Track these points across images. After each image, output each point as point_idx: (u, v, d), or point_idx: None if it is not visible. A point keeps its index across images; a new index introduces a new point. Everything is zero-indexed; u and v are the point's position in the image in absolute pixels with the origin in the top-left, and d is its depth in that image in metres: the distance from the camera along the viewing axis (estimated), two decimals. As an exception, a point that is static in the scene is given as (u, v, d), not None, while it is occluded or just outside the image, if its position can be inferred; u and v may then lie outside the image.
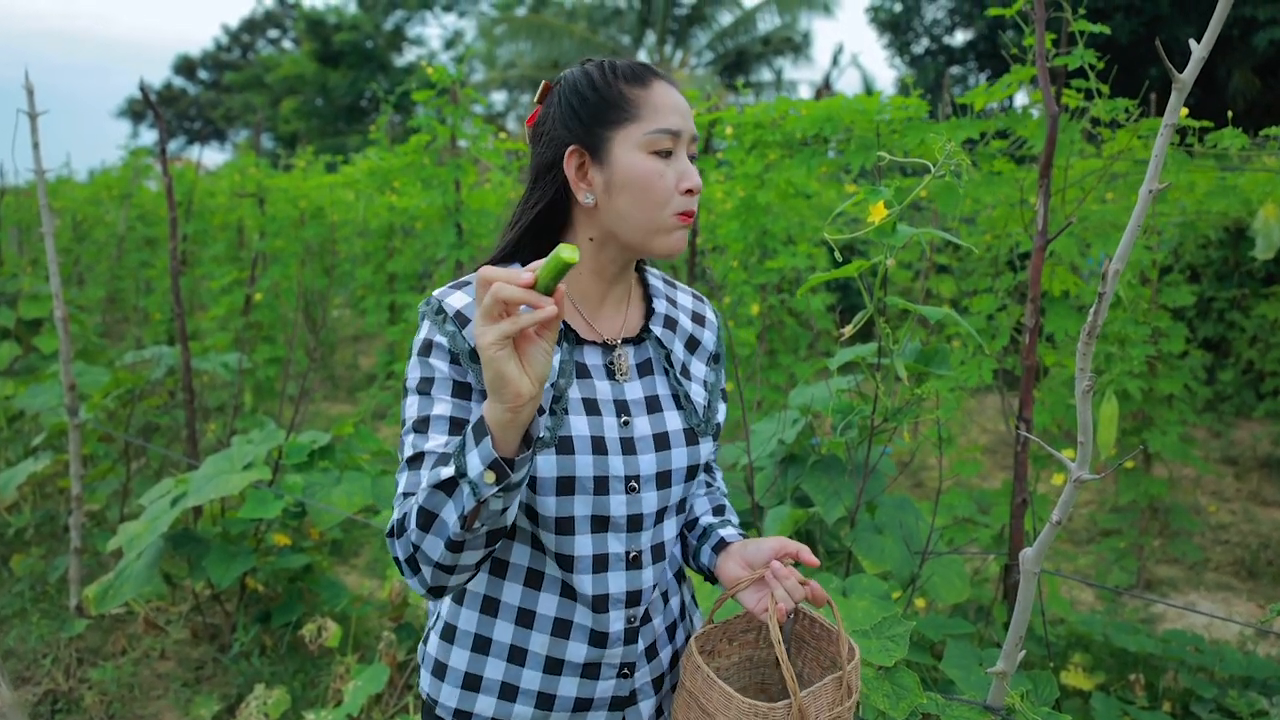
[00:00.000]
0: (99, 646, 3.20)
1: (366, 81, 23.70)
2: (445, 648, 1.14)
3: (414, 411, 1.04)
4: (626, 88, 1.08)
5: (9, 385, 4.43)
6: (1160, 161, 0.95)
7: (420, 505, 0.94)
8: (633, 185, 1.06)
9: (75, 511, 3.37)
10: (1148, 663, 2.63)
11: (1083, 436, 1.05)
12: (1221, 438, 6.14)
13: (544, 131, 1.11)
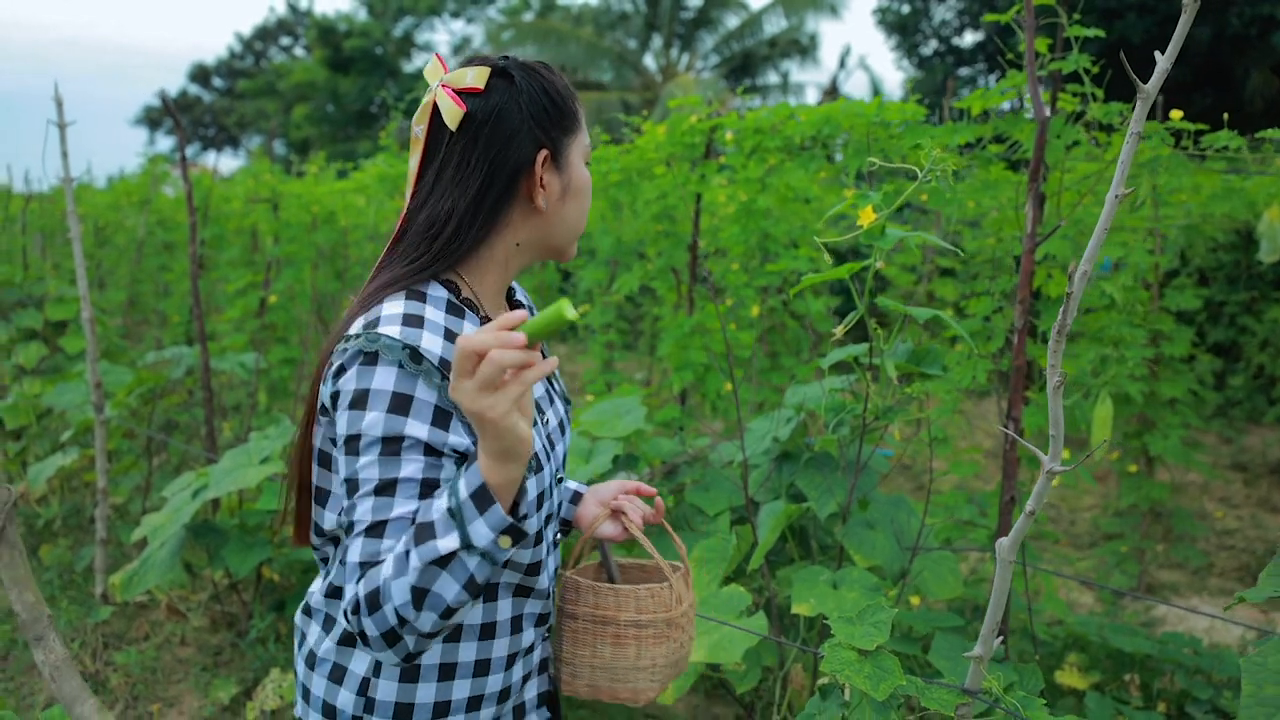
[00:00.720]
0: (124, 632, 3.35)
1: (376, 88, 23.89)
2: (408, 689, 1.05)
3: (375, 473, 0.93)
4: (572, 98, 1.09)
5: (37, 384, 4.64)
6: (1126, 168, 0.99)
7: (413, 584, 0.87)
8: (581, 193, 1.10)
9: (101, 504, 3.54)
10: (1144, 664, 2.65)
11: (1054, 430, 1.09)
12: (1232, 444, 6.12)
13: (505, 126, 1.03)
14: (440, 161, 1.04)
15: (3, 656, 3.18)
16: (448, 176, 1.03)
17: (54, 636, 1.30)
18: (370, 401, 0.93)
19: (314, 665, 1.10)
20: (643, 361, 7.45)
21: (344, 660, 1.08)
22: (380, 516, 0.92)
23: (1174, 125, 2.20)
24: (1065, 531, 4.55)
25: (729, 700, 2.84)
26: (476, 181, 1.02)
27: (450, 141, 1.04)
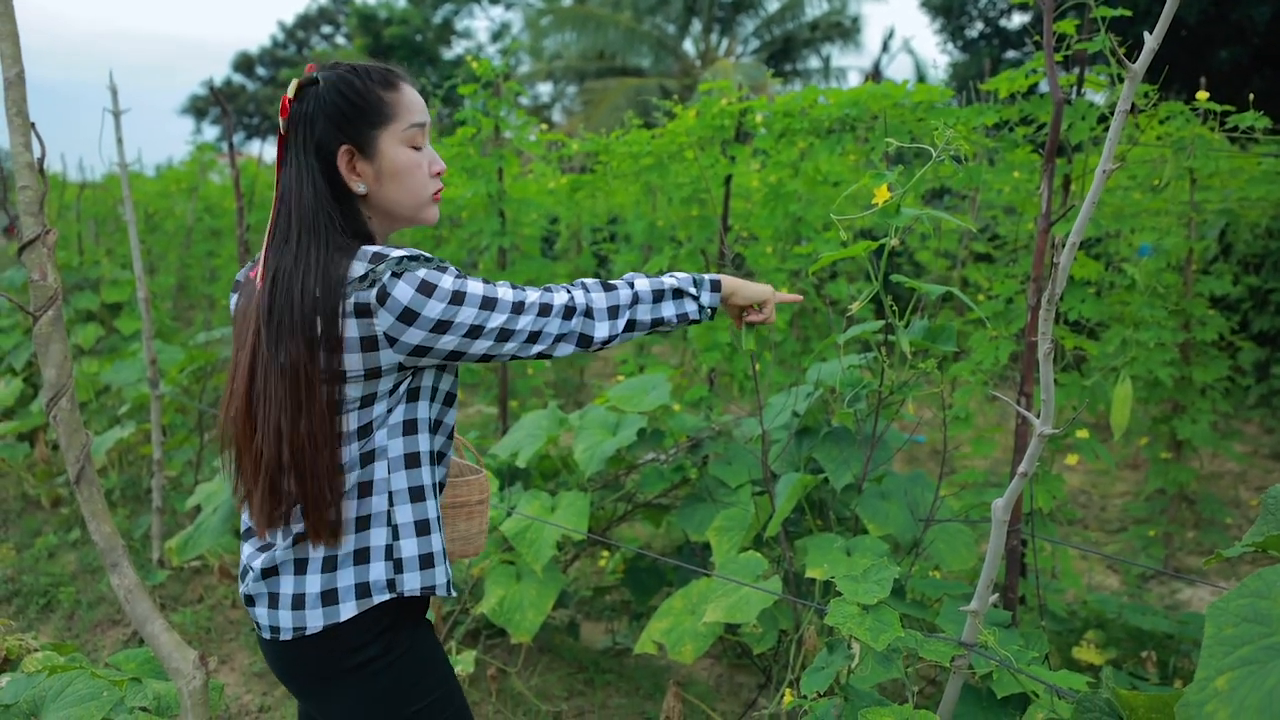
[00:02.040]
0: (179, 594, 3.55)
1: (416, 75, 24.11)
2: (399, 545, 1.26)
3: (503, 307, 1.23)
4: (383, 92, 1.27)
5: (94, 363, 4.88)
6: (1114, 144, 1.04)
7: (648, 289, 1.35)
8: (399, 174, 1.27)
9: (157, 474, 3.74)
10: (1163, 643, 2.69)
11: (1045, 395, 1.15)
12: (1274, 434, 6.04)
13: (310, 131, 1.23)
14: (286, 159, 1.26)
15: (69, 615, 3.37)
16: (290, 173, 1.24)
17: (127, 564, 1.47)
18: (441, 291, 1.17)
19: (335, 566, 1.24)
20: (677, 346, 7.52)
21: (364, 542, 1.25)
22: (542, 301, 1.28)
23: (1200, 105, 2.21)
24: (1096, 517, 4.55)
25: (751, 669, 2.93)
26: (307, 175, 1.23)
27: (285, 143, 1.26)
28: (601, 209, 7.68)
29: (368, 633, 1.25)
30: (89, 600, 3.45)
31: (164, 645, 1.46)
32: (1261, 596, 0.83)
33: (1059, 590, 2.78)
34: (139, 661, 1.83)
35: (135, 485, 4.56)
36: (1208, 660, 0.82)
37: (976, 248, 5.60)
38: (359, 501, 1.24)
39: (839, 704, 1.42)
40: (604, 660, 3.02)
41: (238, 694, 2.86)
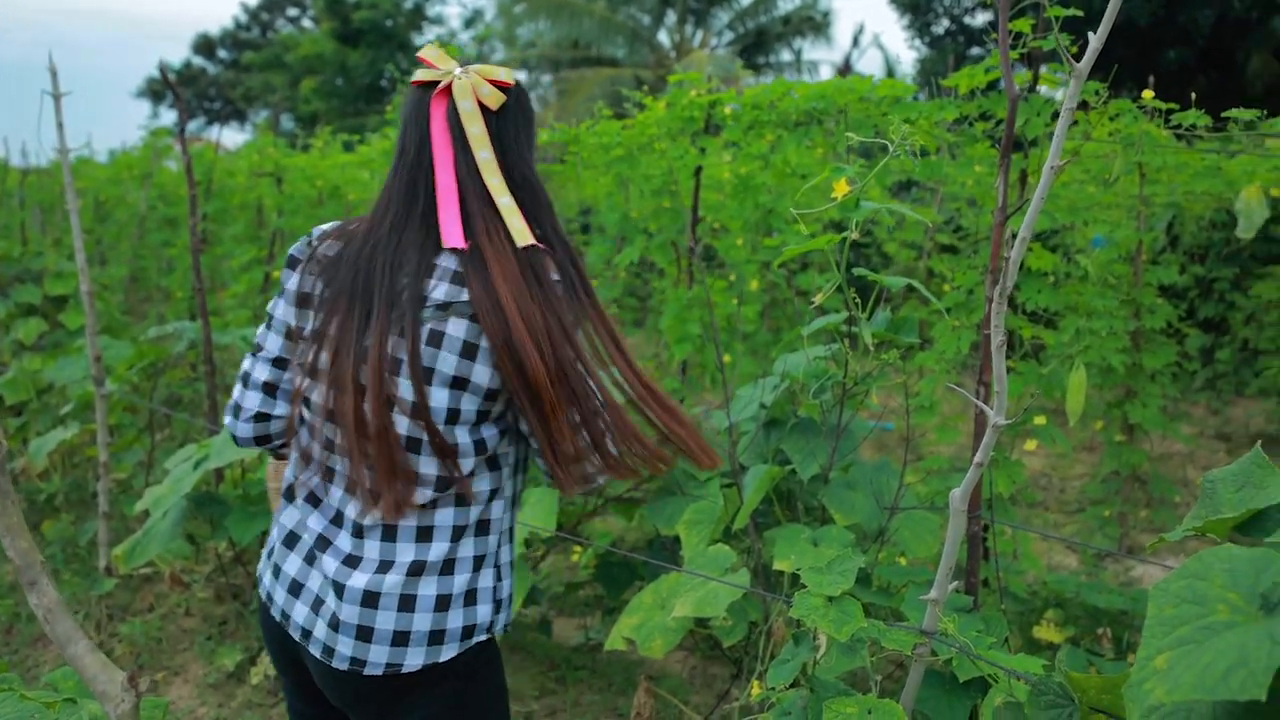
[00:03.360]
0: (128, 604, 3.42)
1: (386, 61, 23.83)
2: (502, 586, 1.28)
3: None
4: None
5: (37, 360, 4.58)
6: (1061, 141, 1.08)
7: None
8: None
9: (103, 478, 3.56)
10: (1117, 619, 2.77)
11: (998, 386, 1.19)
12: (1219, 415, 6.22)
13: (526, 125, 1.30)
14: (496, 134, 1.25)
15: (7, 629, 3.26)
16: (515, 147, 1.27)
17: (46, 581, 1.36)
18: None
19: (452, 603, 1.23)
20: (652, 338, 7.56)
21: (475, 584, 1.25)
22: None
23: (1146, 104, 2.28)
24: (1056, 499, 4.66)
25: (724, 661, 2.97)
26: (531, 157, 1.30)
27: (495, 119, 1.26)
28: (574, 199, 7.67)
29: (463, 666, 1.24)
30: (28, 613, 3.30)
31: (89, 667, 1.33)
32: (1199, 578, 0.86)
33: (1020, 572, 2.86)
34: (78, 680, 1.72)
35: (81, 489, 4.36)
36: (1149, 640, 0.86)
37: (941, 239, 5.69)
38: (475, 540, 1.24)
39: (805, 695, 1.46)
40: (577, 657, 3.04)
41: (191, 707, 2.79)
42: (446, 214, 1.19)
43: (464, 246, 1.17)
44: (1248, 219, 3.17)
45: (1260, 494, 0.97)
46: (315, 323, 1.21)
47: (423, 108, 1.24)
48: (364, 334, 1.16)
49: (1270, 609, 0.80)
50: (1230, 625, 0.80)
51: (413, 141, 1.24)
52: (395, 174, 1.25)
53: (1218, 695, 0.71)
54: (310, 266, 1.24)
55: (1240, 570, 0.82)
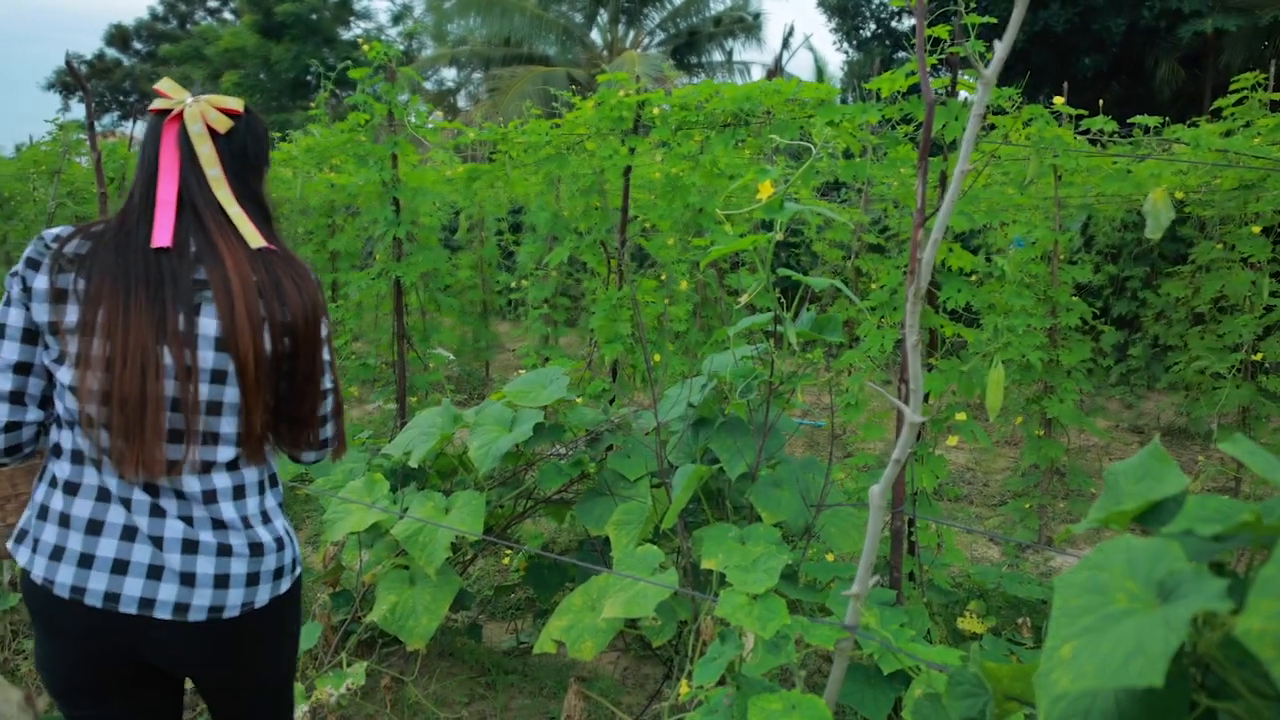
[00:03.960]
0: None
1: (311, 55, 23.29)
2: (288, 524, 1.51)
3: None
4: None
5: None
6: (970, 144, 1.10)
7: None
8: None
9: None
10: (1037, 608, 2.85)
11: (913, 385, 1.21)
12: (1132, 409, 6.48)
13: (255, 146, 1.49)
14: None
15: None
16: (243, 165, 1.47)
17: None
18: None
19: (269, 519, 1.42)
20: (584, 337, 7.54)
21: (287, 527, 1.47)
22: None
23: (1059, 108, 2.35)
24: (979, 493, 4.78)
25: (655, 660, 2.97)
26: (256, 172, 1.49)
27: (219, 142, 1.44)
28: (504, 199, 7.60)
29: (290, 598, 1.46)
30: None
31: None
32: (1100, 569, 0.88)
33: (944, 565, 2.92)
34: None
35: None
36: (1055, 631, 0.87)
37: (868, 239, 5.80)
38: (273, 490, 1.45)
39: (731, 693, 1.47)
40: (507, 661, 3.01)
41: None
42: (161, 219, 1.34)
43: (169, 245, 1.33)
44: (1155, 220, 3.30)
45: (1158, 486, 1.00)
46: (79, 315, 1.28)
47: (156, 131, 1.42)
48: (143, 315, 1.28)
49: (1166, 596, 0.82)
50: (1129, 613, 0.82)
51: (149, 159, 1.41)
52: (135, 185, 1.41)
53: (1117, 683, 0.72)
54: (60, 265, 1.31)
55: (1138, 560, 0.84)
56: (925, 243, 1.62)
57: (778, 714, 1.31)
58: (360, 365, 5.24)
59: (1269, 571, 0.65)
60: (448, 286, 6.21)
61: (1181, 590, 0.74)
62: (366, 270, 4.50)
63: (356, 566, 2.89)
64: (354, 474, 2.76)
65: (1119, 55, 12.76)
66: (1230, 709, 0.83)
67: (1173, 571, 0.79)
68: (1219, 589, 0.72)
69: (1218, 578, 0.74)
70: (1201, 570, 0.76)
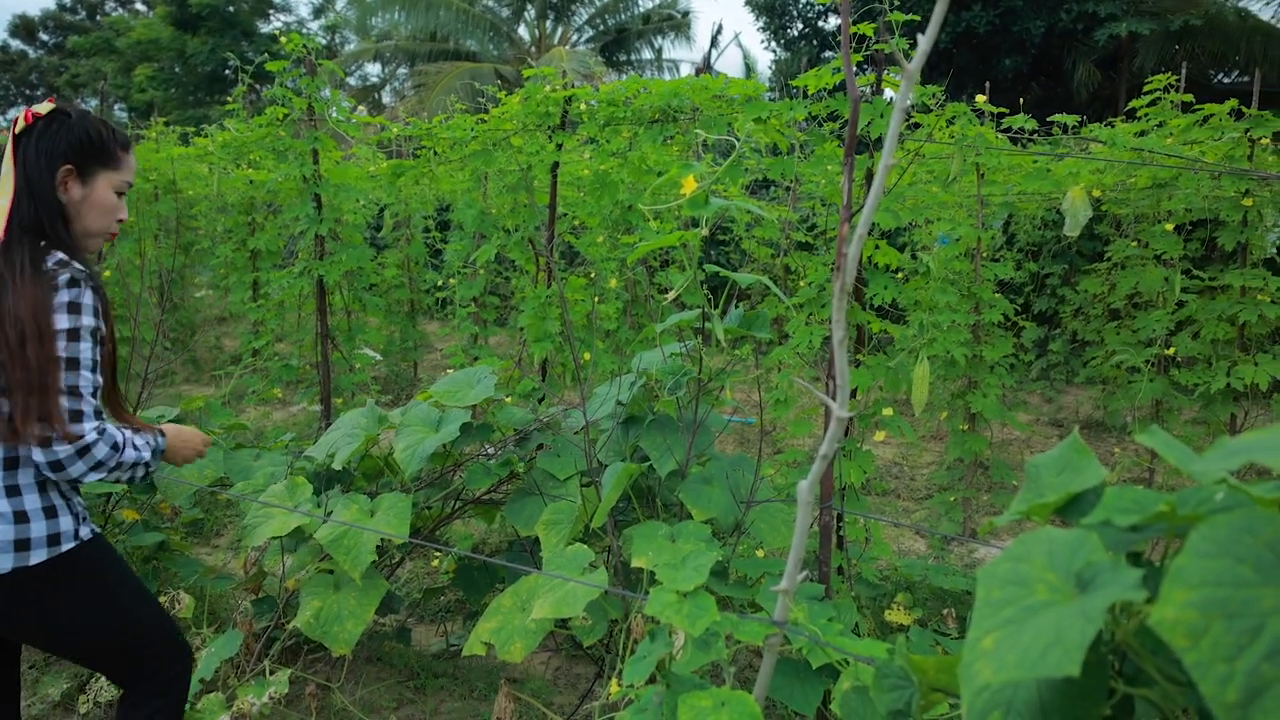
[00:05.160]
0: None
1: (229, 49, 22.57)
2: (74, 502, 1.69)
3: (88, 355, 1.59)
4: (118, 149, 1.71)
5: None
6: (893, 140, 1.10)
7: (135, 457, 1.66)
8: (98, 206, 1.69)
9: None
10: (961, 599, 2.91)
11: (840, 380, 1.21)
12: (1052, 403, 6.69)
13: (43, 144, 1.62)
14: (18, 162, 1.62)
15: None
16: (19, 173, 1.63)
17: None
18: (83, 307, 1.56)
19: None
20: (514, 336, 7.45)
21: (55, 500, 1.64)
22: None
23: (980, 107, 2.39)
24: (906, 487, 4.88)
25: (587, 660, 2.95)
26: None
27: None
28: (431, 196, 7.47)
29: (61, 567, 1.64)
30: None
31: None
32: (1022, 560, 0.88)
33: (872, 559, 2.96)
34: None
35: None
36: (978, 622, 0.87)
37: (797, 237, 5.86)
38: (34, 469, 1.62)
39: (661, 691, 1.45)
40: (437, 664, 2.95)
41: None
42: None
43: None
44: (1074, 218, 3.41)
45: (1077, 478, 1.02)
46: None
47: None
48: None
49: (1084, 587, 0.82)
50: (1049, 605, 0.82)
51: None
52: None
53: (1037, 673, 0.72)
54: None
55: (1057, 551, 0.84)
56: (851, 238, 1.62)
57: (707, 711, 1.30)
58: (283, 366, 5.08)
59: (1182, 562, 0.66)
60: (373, 285, 6.08)
61: (1099, 581, 0.75)
62: (288, 269, 4.37)
63: (279, 572, 2.80)
64: (276, 477, 2.67)
65: (1038, 57, 13.18)
66: (1146, 695, 0.84)
67: (1091, 562, 0.80)
68: (1134, 579, 0.72)
69: (1134, 568, 0.75)
70: (1118, 561, 0.76)
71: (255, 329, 5.98)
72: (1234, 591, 0.64)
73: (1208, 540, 0.67)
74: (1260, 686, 0.59)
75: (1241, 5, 12.84)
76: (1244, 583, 0.64)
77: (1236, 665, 0.60)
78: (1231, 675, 0.60)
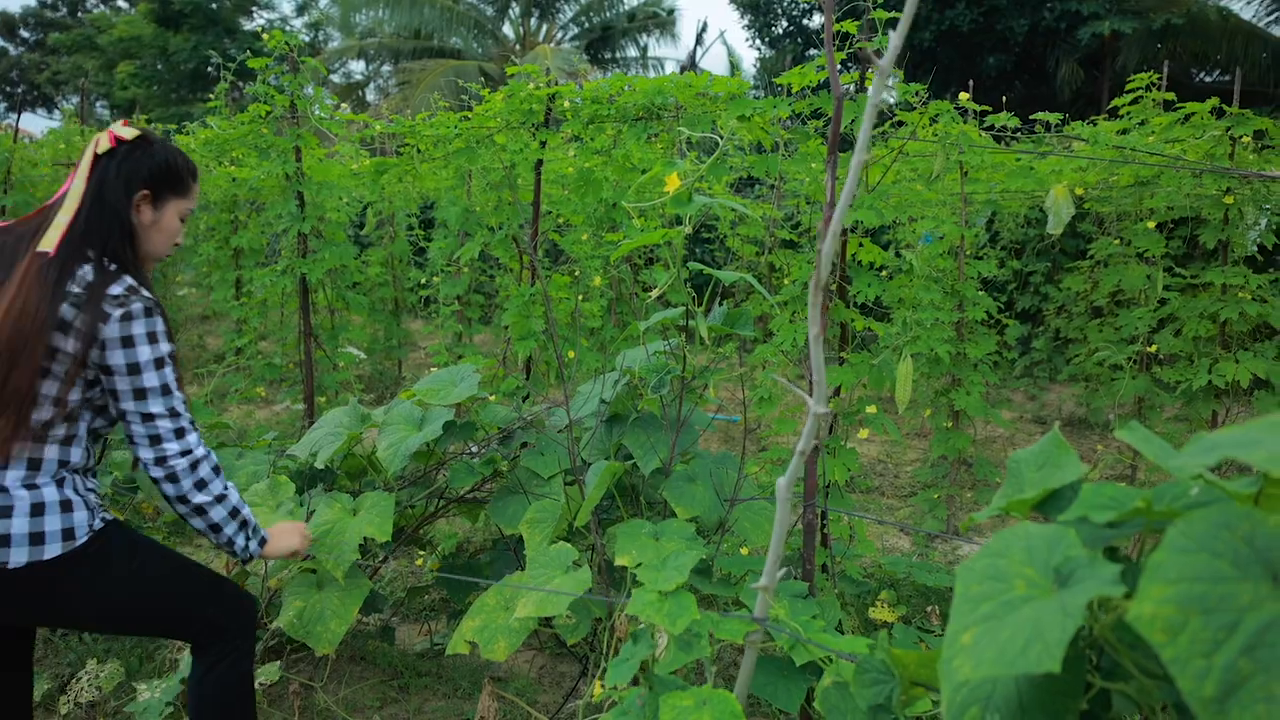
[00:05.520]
0: None
1: (212, 46, 22.41)
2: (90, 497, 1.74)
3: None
4: (189, 178, 1.82)
5: None
6: (867, 136, 1.10)
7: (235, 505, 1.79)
8: (165, 231, 1.79)
9: None
10: (945, 596, 2.92)
11: (816, 376, 1.21)
12: (1035, 400, 6.73)
13: (125, 167, 1.71)
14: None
15: None
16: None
17: None
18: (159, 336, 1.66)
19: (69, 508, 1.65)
20: (499, 335, 7.43)
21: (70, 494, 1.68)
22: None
23: (962, 105, 2.40)
24: (890, 484, 4.89)
25: (572, 658, 2.94)
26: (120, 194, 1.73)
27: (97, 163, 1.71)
28: (415, 194, 7.43)
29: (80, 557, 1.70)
30: None
31: None
32: (1000, 556, 0.88)
33: (856, 556, 2.96)
34: None
35: None
36: (957, 618, 0.87)
37: (782, 235, 5.87)
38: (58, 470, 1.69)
39: (644, 693, 1.44)
40: (421, 663, 2.94)
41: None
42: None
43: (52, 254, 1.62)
44: (1057, 216, 3.42)
45: (1057, 473, 1.02)
46: None
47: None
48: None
49: (1063, 582, 0.83)
50: (1027, 600, 0.82)
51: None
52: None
53: (1016, 669, 0.72)
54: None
55: (1036, 547, 0.84)
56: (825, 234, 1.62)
57: (688, 710, 1.29)
58: (266, 365, 5.05)
59: (1159, 558, 0.66)
60: (357, 284, 6.04)
61: (1077, 576, 0.75)
62: (271, 267, 4.33)
63: (261, 572, 2.78)
64: (258, 476, 2.65)
65: (1022, 55, 13.25)
66: (1123, 690, 0.85)
67: (1069, 558, 0.80)
68: (1112, 575, 0.72)
69: (1111, 563, 0.75)
70: (1096, 556, 0.76)
71: (238, 327, 5.94)
72: (1211, 587, 0.64)
73: (1185, 536, 0.67)
74: (1237, 681, 0.59)
75: (1223, 4, 12.95)
76: (1221, 578, 0.64)
77: (1214, 660, 0.60)
78: (1209, 670, 0.60)
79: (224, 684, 1.86)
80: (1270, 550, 0.64)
